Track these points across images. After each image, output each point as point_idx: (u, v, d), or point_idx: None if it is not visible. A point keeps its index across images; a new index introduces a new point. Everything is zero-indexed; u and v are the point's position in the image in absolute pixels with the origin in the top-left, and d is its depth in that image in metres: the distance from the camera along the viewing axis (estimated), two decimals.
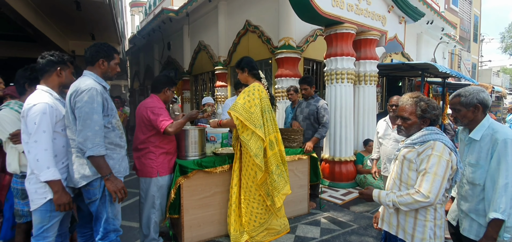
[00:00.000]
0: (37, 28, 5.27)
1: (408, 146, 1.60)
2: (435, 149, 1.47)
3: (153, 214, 2.61)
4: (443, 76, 7.10)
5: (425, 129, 1.57)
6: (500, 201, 1.50)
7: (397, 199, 1.50)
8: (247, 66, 2.78)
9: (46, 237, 1.87)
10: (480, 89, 1.69)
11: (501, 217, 1.50)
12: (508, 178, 1.51)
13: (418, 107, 1.57)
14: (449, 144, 1.48)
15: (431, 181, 1.43)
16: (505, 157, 1.52)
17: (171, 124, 2.44)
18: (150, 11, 12.39)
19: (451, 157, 1.47)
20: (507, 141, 1.53)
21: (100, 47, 1.98)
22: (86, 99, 1.81)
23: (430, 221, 1.53)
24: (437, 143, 1.48)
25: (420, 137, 1.56)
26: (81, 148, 1.80)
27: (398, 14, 5.57)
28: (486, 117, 1.66)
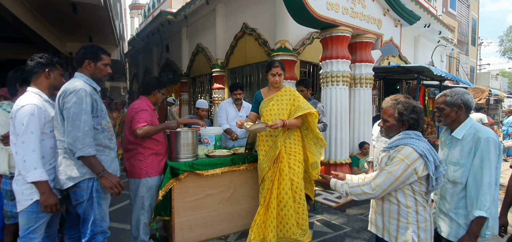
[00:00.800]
0: (34, 31, 5.29)
1: (385, 149, 1.62)
2: (401, 152, 1.50)
3: (142, 216, 2.60)
4: (439, 79, 7.11)
5: (402, 132, 1.58)
6: (485, 199, 1.52)
7: (349, 189, 1.60)
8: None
9: (32, 239, 1.87)
10: (465, 91, 1.72)
11: (485, 215, 1.52)
12: (491, 176, 1.54)
13: (396, 110, 1.59)
14: (419, 150, 1.48)
15: (384, 177, 1.51)
16: (488, 155, 1.54)
17: (142, 126, 2.43)
18: (149, 13, 12.45)
19: (416, 163, 1.47)
20: (489, 140, 1.56)
21: (86, 48, 1.99)
22: (74, 100, 1.81)
23: (412, 224, 1.54)
24: (405, 147, 1.50)
25: (395, 140, 1.59)
26: (70, 148, 1.80)
27: (394, 18, 5.59)
28: (468, 118, 1.70)
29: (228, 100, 4.08)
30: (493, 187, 1.54)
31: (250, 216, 3.14)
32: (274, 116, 2.69)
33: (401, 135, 1.58)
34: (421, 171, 1.49)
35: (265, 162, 2.73)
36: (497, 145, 1.57)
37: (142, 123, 2.44)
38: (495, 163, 1.56)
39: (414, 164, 1.47)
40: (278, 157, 2.70)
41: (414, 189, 1.54)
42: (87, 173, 1.89)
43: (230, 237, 3.01)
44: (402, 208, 1.56)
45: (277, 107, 2.73)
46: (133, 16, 20.82)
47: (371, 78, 5.25)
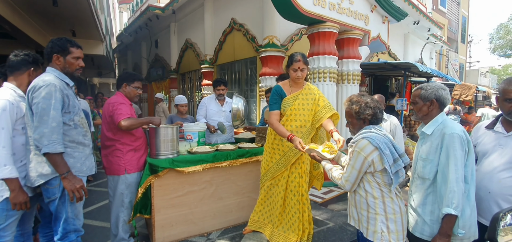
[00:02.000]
0: (14, 25, 5.11)
1: (351, 144, 1.71)
2: (358, 145, 1.61)
3: (121, 213, 2.55)
4: (426, 76, 7.19)
5: (364, 128, 1.70)
6: (452, 196, 1.49)
7: (332, 175, 1.77)
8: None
9: (3, 237, 1.81)
10: (441, 86, 1.70)
11: (454, 212, 1.49)
12: (458, 172, 1.51)
13: (352, 110, 1.71)
14: (375, 142, 1.57)
15: (349, 172, 1.64)
16: (453, 151, 1.52)
17: (126, 118, 2.37)
18: (137, 8, 12.22)
19: (372, 155, 1.57)
20: (454, 135, 1.54)
21: (54, 42, 1.93)
22: (43, 95, 1.76)
23: (380, 215, 1.61)
24: (362, 141, 1.61)
25: (356, 136, 1.70)
26: (37, 144, 1.74)
27: (381, 14, 5.60)
28: (440, 114, 1.68)
29: (211, 96, 4.05)
30: (461, 183, 1.51)
31: (233, 212, 3.12)
32: (300, 117, 2.54)
33: (362, 130, 1.69)
34: (377, 162, 1.57)
35: (282, 163, 2.63)
36: (463, 141, 1.54)
37: (125, 115, 2.38)
38: (462, 159, 1.53)
39: (370, 156, 1.57)
40: (298, 160, 2.60)
41: (377, 181, 1.62)
42: None
43: (212, 234, 2.98)
44: (369, 198, 1.63)
45: (303, 107, 2.55)
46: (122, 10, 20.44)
47: (359, 75, 5.26)
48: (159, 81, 10.58)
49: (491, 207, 1.67)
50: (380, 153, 1.55)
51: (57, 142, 1.76)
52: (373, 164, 1.58)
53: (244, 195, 3.16)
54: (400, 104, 6.45)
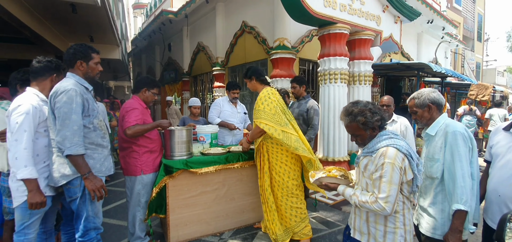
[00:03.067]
0: (34, 31, 5.37)
1: (366, 154, 1.56)
2: (388, 155, 1.43)
3: (138, 212, 2.64)
4: (441, 76, 7.03)
5: (378, 135, 1.54)
6: (461, 192, 1.52)
7: (359, 203, 1.50)
8: (253, 74, 2.88)
9: (27, 234, 1.91)
10: (431, 90, 1.77)
11: (464, 208, 1.51)
12: (464, 168, 1.54)
13: (358, 123, 1.53)
14: (403, 149, 1.44)
15: (387, 188, 1.41)
16: (457, 148, 1.56)
17: (131, 126, 2.45)
18: (151, 13, 12.52)
19: (404, 162, 1.43)
20: (456, 133, 1.58)
21: (76, 48, 2.01)
22: (65, 100, 1.85)
23: (400, 228, 1.51)
24: (389, 149, 1.44)
25: (374, 145, 1.53)
26: (60, 147, 1.84)
27: (394, 14, 5.54)
28: (442, 115, 1.74)
29: (224, 97, 4.11)
30: (468, 179, 1.53)
31: (245, 213, 3.17)
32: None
33: (379, 138, 1.53)
34: (408, 171, 1.45)
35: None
36: (465, 138, 1.58)
37: (131, 123, 2.47)
38: (467, 155, 1.56)
39: (402, 165, 1.43)
40: (260, 154, 2.82)
41: (403, 193, 1.49)
42: None
43: (225, 234, 3.04)
44: None
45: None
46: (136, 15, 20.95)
47: (370, 76, 5.22)
48: (172, 84, 10.79)
49: (501, 209, 1.66)
50: (410, 160, 1.44)
51: (79, 144, 1.85)
52: (405, 173, 1.44)
53: (255, 196, 3.20)
54: None
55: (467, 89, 9.35)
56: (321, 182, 1.72)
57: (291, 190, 2.77)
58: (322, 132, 4.85)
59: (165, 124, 2.70)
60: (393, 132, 1.57)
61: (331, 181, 1.69)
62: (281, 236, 2.79)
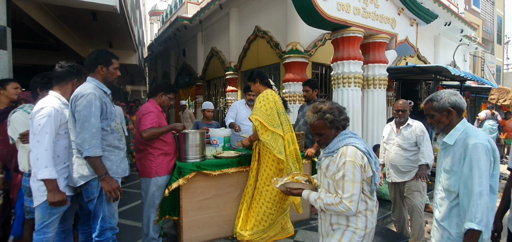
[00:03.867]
0: (58, 38, 5.62)
1: (328, 154, 1.58)
2: (348, 154, 1.46)
3: (152, 214, 2.69)
4: (460, 79, 6.80)
5: (340, 134, 1.58)
6: (475, 210, 1.40)
7: (324, 206, 1.51)
8: (257, 77, 3.01)
9: (46, 233, 1.99)
10: (452, 92, 1.62)
11: (477, 228, 1.39)
12: (482, 185, 1.40)
13: (326, 121, 1.55)
14: (362, 147, 1.48)
15: (351, 188, 1.43)
16: (477, 162, 1.42)
17: (146, 129, 2.52)
18: (166, 19, 12.83)
19: (363, 160, 1.46)
20: (478, 145, 1.44)
21: (98, 54, 2.10)
22: (84, 103, 1.92)
23: (360, 230, 1.52)
24: (349, 148, 1.47)
25: (335, 143, 1.56)
26: (79, 148, 1.91)
27: (409, 17, 5.43)
28: (461, 121, 1.59)
29: (241, 101, 4.15)
30: (486, 196, 1.41)
31: None
32: None
33: (340, 137, 1.57)
34: (367, 169, 1.48)
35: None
36: (488, 151, 1.44)
37: (147, 126, 2.54)
38: (487, 171, 1.43)
39: (362, 162, 1.46)
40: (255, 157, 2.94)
41: (363, 192, 1.49)
42: None
43: None
44: None
45: None
46: (153, 22, 21.53)
47: (385, 79, 5.12)
48: (186, 88, 10.97)
49: None
50: (368, 158, 1.48)
51: (97, 146, 1.92)
52: (365, 172, 1.47)
53: None
54: None
55: (487, 94, 8.98)
56: (286, 187, 1.71)
57: (270, 196, 2.83)
58: None
59: (179, 127, 2.76)
60: (352, 132, 1.60)
61: (295, 186, 1.68)
62: (240, 234, 2.90)
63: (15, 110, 2.35)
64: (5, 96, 2.78)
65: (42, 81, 2.36)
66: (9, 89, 2.77)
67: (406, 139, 2.94)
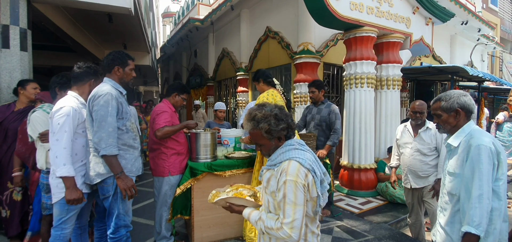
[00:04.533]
0: (76, 40, 5.80)
1: (269, 167, 1.38)
2: (289, 172, 1.24)
3: (165, 212, 2.74)
4: (477, 80, 6.57)
5: (283, 145, 1.36)
6: (474, 213, 1.35)
7: (265, 229, 1.30)
8: (261, 76, 3.01)
9: (64, 228, 2.05)
10: (461, 93, 1.57)
11: (475, 232, 1.34)
12: (483, 188, 1.36)
13: (261, 131, 1.32)
14: (306, 163, 1.26)
15: (292, 212, 1.21)
16: (478, 164, 1.38)
17: (160, 128, 2.57)
18: (178, 21, 13.02)
19: (307, 178, 1.25)
20: (481, 147, 1.39)
21: (115, 55, 2.15)
22: (101, 103, 1.97)
23: None
24: (292, 164, 1.25)
25: (278, 156, 1.34)
26: (96, 147, 1.96)
27: (424, 16, 5.30)
28: (468, 123, 1.54)
29: (254, 102, 4.16)
30: (487, 200, 1.35)
31: None
32: None
33: (283, 148, 1.34)
34: (312, 189, 1.27)
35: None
36: (491, 154, 1.39)
37: (161, 125, 2.59)
38: (489, 174, 1.37)
39: (305, 181, 1.25)
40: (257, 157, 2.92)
41: (306, 213, 1.30)
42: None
43: None
44: None
45: None
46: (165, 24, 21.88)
47: (399, 80, 5.02)
48: (197, 89, 11.09)
49: None
50: (313, 176, 1.27)
51: (113, 145, 1.97)
52: (309, 191, 1.27)
53: None
54: None
55: (506, 95, 8.63)
56: (226, 202, 1.49)
57: None
58: (347, 138, 4.72)
59: (191, 124, 2.80)
60: (299, 141, 1.38)
61: (237, 202, 1.45)
62: (250, 238, 2.83)
63: (35, 109, 2.43)
64: (25, 96, 2.90)
65: (61, 81, 2.44)
66: (29, 89, 2.88)
67: (425, 143, 2.78)
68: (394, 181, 3.06)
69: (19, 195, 2.81)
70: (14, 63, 3.42)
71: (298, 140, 1.40)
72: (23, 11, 3.49)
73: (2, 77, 3.37)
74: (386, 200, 4.32)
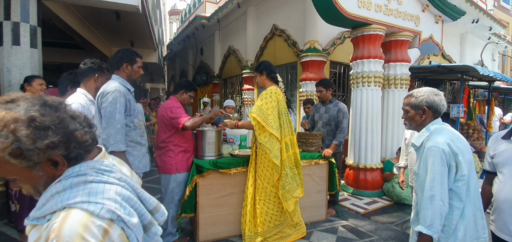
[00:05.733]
0: (84, 37, 5.87)
1: (34, 222, 0.74)
2: (63, 235, 0.62)
3: (171, 209, 2.76)
4: (488, 79, 6.44)
5: (60, 178, 0.73)
6: (425, 214, 1.36)
7: None
8: (266, 69, 2.82)
9: None
10: (433, 91, 1.54)
11: (426, 232, 1.35)
12: (434, 189, 1.35)
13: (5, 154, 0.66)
14: (106, 209, 0.68)
15: None
16: (431, 165, 1.38)
17: (188, 119, 2.56)
18: (185, 18, 13.05)
19: (107, 238, 0.67)
20: (433, 148, 1.39)
21: (123, 53, 2.17)
22: (110, 100, 2.00)
23: None
24: (70, 216, 0.65)
25: (48, 200, 0.72)
26: (104, 143, 1.99)
27: (434, 14, 5.20)
28: (433, 122, 1.52)
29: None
30: (438, 202, 1.35)
31: None
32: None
33: (59, 184, 0.72)
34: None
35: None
36: (444, 155, 1.37)
37: (186, 116, 2.59)
38: (442, 175, 1.36)
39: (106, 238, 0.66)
40: (252, 155, 2.86)
41: None
42: None
43: None
44: None
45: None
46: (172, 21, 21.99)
47: (407, 79, 4.95)
48: (203, 86, 11.13)
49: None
50: (123, 226, 0.71)
51: (121, 142, 1.99)
52: None
53: None
54: (456, 111, 5.88)
55: None
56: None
57: (269, 195, 2.76)
58: (353, 138, 4.69)
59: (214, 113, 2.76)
60: (105, 164, 0.77)
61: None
62: (249, 237, 2.81)
63: None
64: (31, 92, 2.94)
65: (74, 79, 2.48)
66: (35, 85, 2.92)
67: None
68: (402, 181, 3.03)
69: None
70: (24, 60, 3.48)
71: (103, 162, 0.77)
72: (33, 8, 3.55)
73: (13, 74, 3.43)
74: (392, 201, 4.28)
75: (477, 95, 9.11)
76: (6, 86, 3.43)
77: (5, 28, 3.40)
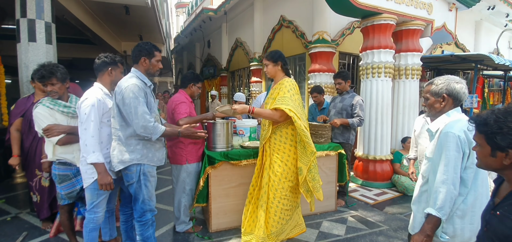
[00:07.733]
0: (95, 32, 5.98)
1: None
2: None
3: (183, 198, 2.84)
4: (504, 68, 6.26)
5: None
6: (436, 196, 1.40)
7: None
8: (281, 60, 2.57)
9: (96, 212, 2.18)
10: (454, 79, 1.53)
11: (435, 214, 1.39)
12: (448, 173, 1.38)
13: None
14: None
15: None
16: (446, 151, 1.40)
17: (183, 118, 2.67)
18: (192, 11, 13.06)
19: None
20: (449, 134, 1.40)
21: (142, 46, 2.20)
22: (131, 96, 2.03)
23: None
24: None
25: None
26: (144, 136, 2.05)
27: (448, 1, 5.07)
28: (452, 110, 1.52)
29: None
30: (450, 186, 1.38)
31: None
32: (264, 106, 2.61)
33: None
34: None
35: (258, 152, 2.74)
36: (459, 142, 1.39)
37: (183, 115, 2.67)
38: (456, 161, 1.38)
39: None
40: (264, 149, 2.63)
41: None
42: (135, 159, 2.12)
43: None
44: None
45: (269, 98, 2.62)
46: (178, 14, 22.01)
47: (419, 69, 4.87)
48: (211, 79, 11.20)
49: None
50: None
51: (156, 126, 2.07)
52: None
53: None
54: (470, 101, 5.77)
55: None
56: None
57: (285, 191, 2.53)
58: (362, 129, 4.67)
59: (209, 116, 2.89)
60: None
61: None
62: (264, 239, 2.55)
63: (36, 105, 2.37)
64: (37, 88, 2.98)
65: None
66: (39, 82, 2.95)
67: None
68: (412, 173, 3.02)
69: (47, 181, 2.96)
70: (40, 56, 3.59)
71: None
72: (47, 5, 3.64)
73: (30, 70, 3.54)
74: (401, 192, 4.28)
75: (492, 85, 8.87)
76: (24, 82, 3.55)
77: (21, 25, 3.50)
